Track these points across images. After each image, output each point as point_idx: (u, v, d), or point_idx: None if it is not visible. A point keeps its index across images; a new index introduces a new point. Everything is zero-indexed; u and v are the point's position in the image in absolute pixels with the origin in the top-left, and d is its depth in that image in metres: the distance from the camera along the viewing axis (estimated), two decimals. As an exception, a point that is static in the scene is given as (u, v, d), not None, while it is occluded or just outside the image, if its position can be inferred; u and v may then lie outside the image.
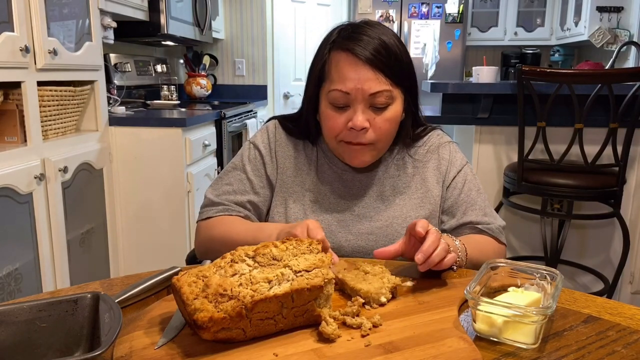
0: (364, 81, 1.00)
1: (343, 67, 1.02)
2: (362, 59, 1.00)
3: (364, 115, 1.02)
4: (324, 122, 1.07)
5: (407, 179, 1.14)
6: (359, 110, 1.01)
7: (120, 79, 3.00)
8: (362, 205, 1.12)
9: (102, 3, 2.33)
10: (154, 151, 2.40)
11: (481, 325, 0.70)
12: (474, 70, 2.55)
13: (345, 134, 1.04)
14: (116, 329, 0.60)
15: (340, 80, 1.01)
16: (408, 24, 4.68)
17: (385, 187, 1.14)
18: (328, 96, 1.04)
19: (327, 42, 1.07)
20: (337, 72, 1.02)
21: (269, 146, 1.16)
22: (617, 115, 1.94)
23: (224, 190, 1.14)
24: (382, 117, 1.03)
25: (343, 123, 1.03)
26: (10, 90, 1.82)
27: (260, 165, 1.15)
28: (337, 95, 1.02)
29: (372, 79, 1.00)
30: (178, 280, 0.69)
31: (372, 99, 1.01)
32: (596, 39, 3.98)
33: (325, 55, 1.06)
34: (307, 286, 0.68)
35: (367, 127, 1.02)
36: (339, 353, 0.65)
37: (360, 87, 1.00)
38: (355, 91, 1.00)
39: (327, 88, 1.04)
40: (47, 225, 1.90)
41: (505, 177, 2.24)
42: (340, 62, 1.02)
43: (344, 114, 1.03)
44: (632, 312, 0.78)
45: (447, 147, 1.17)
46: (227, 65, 4.10)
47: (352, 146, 1.05)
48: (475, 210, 1.12)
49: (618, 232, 2.25)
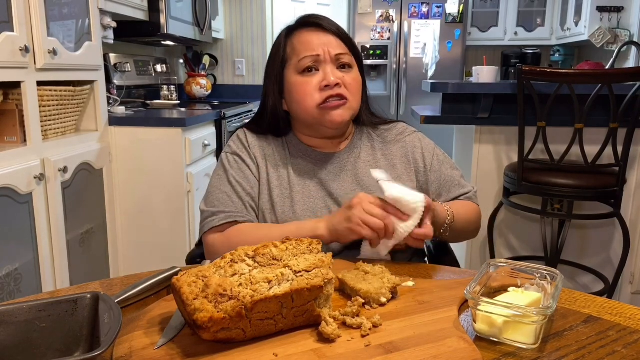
0: (329, 44, 1.11)
1: (308, 37, 1.12)
2: (325, 28, 1.13)
3: (334, 73, 1.10)
4: (295, 91, 1.12)
5: (378, 164, 1.19)
6: (328, 69, 1.10)
7: (120, 79, 3.00)
8: (341, 189, 1.15)
9: (102, 3, 2.33)
10: (154, 151, 2.40)
11: (481, 325, 0.70)
12: (474, 70, 2.55)
13: (320, 94, 1.10)
14: (116, 329, 0.60)
15: (309, 48, 1.11)
16: (408, 24, 4.67)
17: (358, 170, 1.18)
18: (297, 66, 1.11)
19: (280, 35, 1.18)
20: (302, 44, 1.12)
21: (245, 149, 1.19)
22: (617, 115, 1.94)
23: (218, 199, 1.13)
24: (349, 75, 1.12)
25: (316, 85, 1.10)
26: (10, 90, 1.82)
27: (243, 167, 1.17)
28: (306, 61, 1.10)
29: (335, 43, 1.12)
30: (178, 281, 0.69)
31: (338, 59, 1.11)
32: (596, 39, 3.98)
33: (284, 40, 1.16)
34: (307, 286, 0.68)
35: (340, 83, 1.10)
36: (339, 353, 0.64)
37: (327, 48, 1.10)
38: (323, 53, 1.10)
39: (295, 61, 1.12)
40: (47, 225, 1.90)
41: (506, 177, 2.24)
42: (304, 34, 1.13)
43: (315, 77, 1.11)
44: (632, 312, 0.78)
45: (414, 136, 1.25)
46: (227, 65, 4.10)
47: (330, 106, 1.11)
48: (455, 185, 1.22)
49: (618, 232, 2.25)
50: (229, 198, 1.13)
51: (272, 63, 1.17)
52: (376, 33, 4.72)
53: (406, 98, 4.72)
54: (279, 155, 1.19)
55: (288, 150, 1.19)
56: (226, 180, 1.15)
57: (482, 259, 2.53)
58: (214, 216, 1.11)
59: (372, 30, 4.72)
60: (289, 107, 1.17)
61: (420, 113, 2.44)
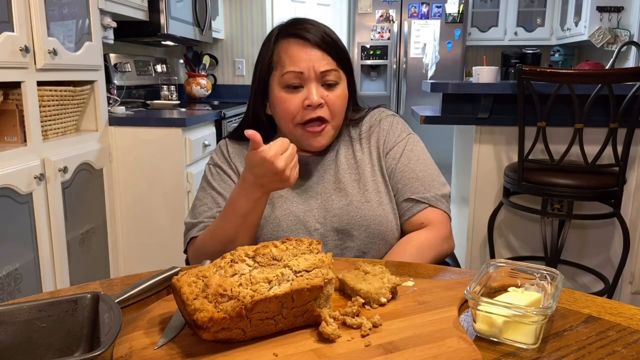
0: (314, 60, 1.07)
1: (294, 50, 1.08)
2: (310, 42, 1.08)
3: (318, 92, 1.07)
4: (278, 106, 1.10)
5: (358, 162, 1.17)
6: (312, 88, 1.07)
7: (120, 79, 3.00)
8: (323, 192, 1.14)
9: (102, 3, 2.33)
10: (154, 151, 2.40)
11: (481, 325, 0.70)
12: (474, 70, 2.55)
13: (302, 114, 1.08)
14: (116, 329, 0.60)
15: (293, 62, 1.07)
16: (408, 24, 4.67)
17: (339, 170, 1.16)
18: (281, 80, 1.08)
19: (271, 36, 1.13)
20: (288, 57, 1.08)
21: (226, 160, 1.19)
22: (617, 115, 1.94)
23: (199, 211, 1.15)
24: (334, 93, 1.09)
25: (298, 103, 1.08)
26: (10, 90, 1.82)
27: (225, 177, 1.17)
28: (290, 76, 1.07)
29: (321, 58, 1.07)
30: (178, 280, 0.69)
31: (323, 77, 1.08)
32: (596, 39, 3.98)
33: (272, 46, 1.11)
34: (307, 286, 0.68)
35: (323, 103, 1.08)
36: (339, 353, 0.64)
37: (312, 65, 1.06)
38: (308, 70, 1.06)
39: (280, 73, 1.09)
40: (47, 225, 1.90)
41: (505, 177, 2.24)
42: (290, 46, 1.09)
43: (298, 94, 1.08)
44: (632, 312, 0.78)
45: (387, 119, 1.21)
46: (227, 65, 4.10)
47: (309, 129, 1.09)
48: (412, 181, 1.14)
49: (618, 232, 2.26)
50: (209, 209, 1.14)
51: (259, 66, 1.14)
52: (376, 33, 4.72)
53: (406, 98, 4.72)
54: None
55: None
56: (207, 192, 1.17)
57: (482, 259, 2.53)
58: (194, 227, 1.13)
59: (372, 30, 4.72)
60: (272, 113, 1.15)
61: (420, 113, 2.44)
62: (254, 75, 1.16)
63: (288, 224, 1.11)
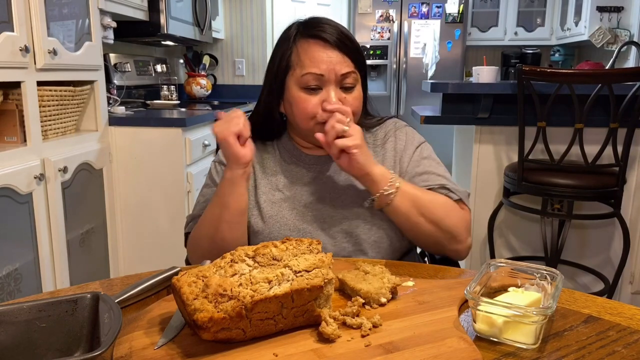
0: (335, 63, 1.06)
1: (314, 52, 1.07)
2: (331, 43, 1.07)
3: (337, 94, 1.07)
4: (297, 106, 1.09)
5: None
6: (331, 90, 1.07)
7: (120, 79, 3.00)
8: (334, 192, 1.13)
9: (102, 3, 2.33)
10: (154, 151, 2.40)
11: (481, 325, 0.70)
12: (474, 70, 2.55)
13: (322, 114, 1.07)
14: (116, 329, 0.60)
15: (313, 64, 1.06)
16: (408, 24, 4.67)
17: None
18: (300, 80, 1.07)
19: (288, 35, 1.12)
20: (308, 57, 1.07)
21: None
22: (617, 115, 1.94)
23: (201, 207, 1.16)
24: (351, 95, 1.09)
25: (317, 104, 1.07)
26: (10, 90, 1.82)
27: None
28: (310, 78, 1.06)
29: (341, 61, 1.07)
30: (178, 280, 0.69)
31: (342, 80, 1.07)
32: (596, 39, 3.98)
33: (291, 45, 1.10)
34: (307, 286, 0.68)
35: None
36: (339, 353, 0.64)
37: (332, 68, 1.06)
38: (328, 72, 1.06)
39: (299, 73, 1.07)
40: (47, 225, 1.90)
41: (506, 177, 2.24)
42: (310, 47, 1.08)
43: (317, 96, 1.07)
44: (632, 312, 0.78)
45: (403, 130, 1.22)
46: (227, 65, 4.10)
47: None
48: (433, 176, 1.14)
49: (618, 232, 2.25)
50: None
51: (276, 65, 1.12)
52: (376, 33, 4.72)
53: (406, 98, 4.72)
54: (270, 159, 1.18)
55: (279, 155, 1.18)
56: (211, 189, 1.18)
57: (482, 259, 2.53)
58: (192, 220, 1.15)
59: (372, 30, 4.72)
60: (286, 111, 1.14)
61: (420, 113, 2.44)
62: (268, 72, 1.14)
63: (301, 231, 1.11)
